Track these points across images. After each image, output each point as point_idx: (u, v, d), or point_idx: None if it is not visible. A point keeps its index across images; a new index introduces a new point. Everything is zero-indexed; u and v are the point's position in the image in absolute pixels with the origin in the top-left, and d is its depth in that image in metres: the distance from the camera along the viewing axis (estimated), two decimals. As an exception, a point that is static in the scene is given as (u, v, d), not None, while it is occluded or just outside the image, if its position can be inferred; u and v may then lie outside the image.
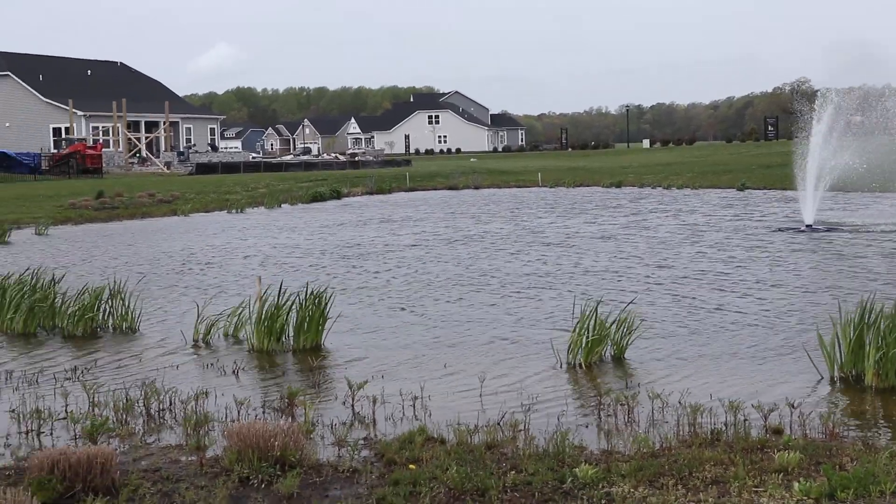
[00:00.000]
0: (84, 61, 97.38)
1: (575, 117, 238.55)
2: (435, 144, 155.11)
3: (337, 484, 7.12)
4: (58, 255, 24.17)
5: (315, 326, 12.38)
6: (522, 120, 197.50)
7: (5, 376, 11.10)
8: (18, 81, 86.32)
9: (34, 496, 6.19)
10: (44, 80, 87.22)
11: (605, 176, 56.09)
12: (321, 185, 51.67)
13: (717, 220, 28.87)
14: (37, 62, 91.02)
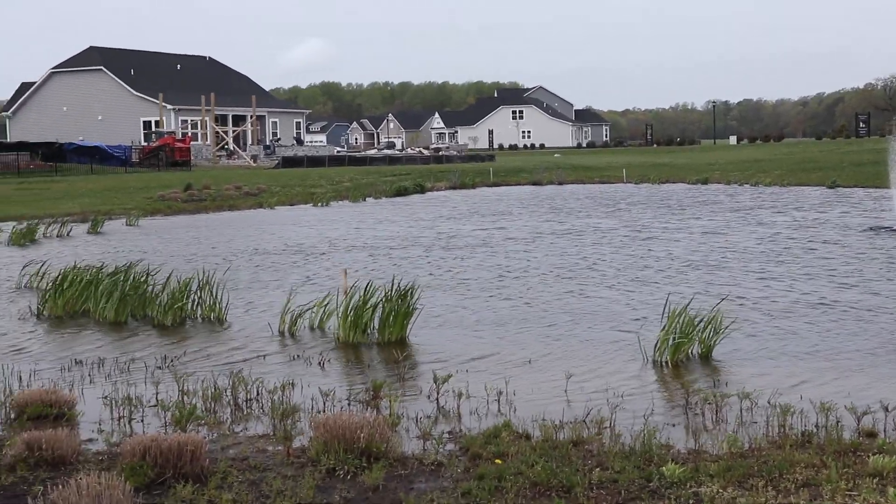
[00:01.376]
0: (174, 56, 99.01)
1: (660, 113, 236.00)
2: (518, 140, 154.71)
3: (422, 477, 7.13)
4: (148, 246, 24.62)
5: (400, 320, 12.42)
6: (606, 115, 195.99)
7: (98, 363, 11.34)
8: (111, 76, 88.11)
9: (127, 481, 6.30)
10: (135, 74, 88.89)
11: (690, 172, 55.44)
12: (405, 179, 51.89)
13: (812, 218, 28.35)
14: (128, 57, 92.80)
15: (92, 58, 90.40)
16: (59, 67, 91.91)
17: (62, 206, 37.03)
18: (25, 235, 26.37)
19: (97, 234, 28.45)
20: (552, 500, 6.52)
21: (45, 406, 8.82)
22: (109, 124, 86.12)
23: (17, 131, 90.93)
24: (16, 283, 17.93)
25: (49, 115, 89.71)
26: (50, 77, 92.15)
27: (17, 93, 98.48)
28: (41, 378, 10.68)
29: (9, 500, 6.68)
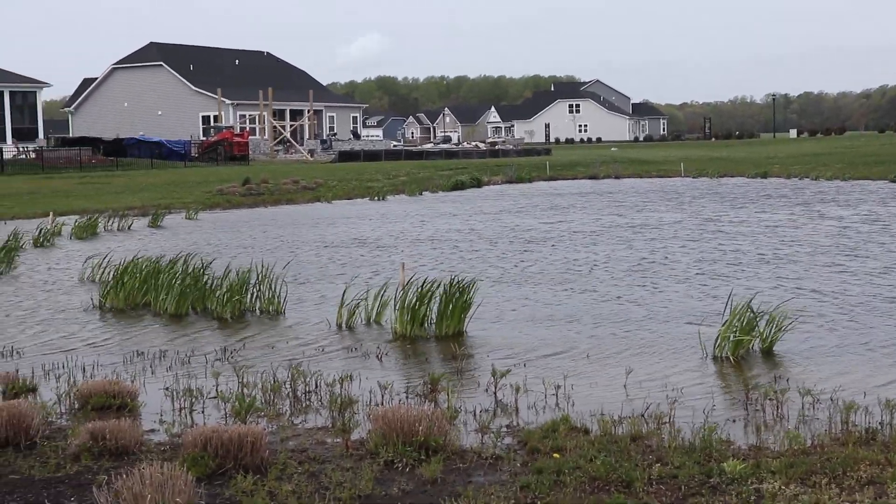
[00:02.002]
0: (232, 51, 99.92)
1: (718, 106, 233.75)
2: (575, 133, 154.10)
3: (480, 470, 7.12)
4: (207, 240, 24.88)
5: (458, 313, 12.42)
6: (664, 109, 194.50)
7: (159, 355, 11.48)
8: (171, 71, 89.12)
9: (189, 471, 6.37)
10: (194, 69, 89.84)
11: (749, 166, 54.87)
12: (461, 173, 51.90)
13: (879, 212, 27.93)
14: (187, 52, 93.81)
15: (152, 53, 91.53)
16: (121, 63, 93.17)
17: (123, 200, 37.52)
18: (87, 229, 26.76)
19: (157, 228, 28.79)
20: (611, 495, 6.48)
21: (109, 397, 8.94)
22: (169, 119, 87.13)
23: (79, 126, 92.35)
24: (78, 276, 18.20)
25: (110, 111, 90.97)
26: (111, 73, 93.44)
27: (79, 88, 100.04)
28: (104, 369, 10.83)
29: (74, 488, 6.79)
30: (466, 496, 6.45)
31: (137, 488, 6.05)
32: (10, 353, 11.74)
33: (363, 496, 6.59)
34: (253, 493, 6.57)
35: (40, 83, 69.07)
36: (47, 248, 23.63)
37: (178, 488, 6.10)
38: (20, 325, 13.75)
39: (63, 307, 15.12)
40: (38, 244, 23.84)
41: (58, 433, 8.14)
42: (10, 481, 6.98)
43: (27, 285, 17.59)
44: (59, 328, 13.45)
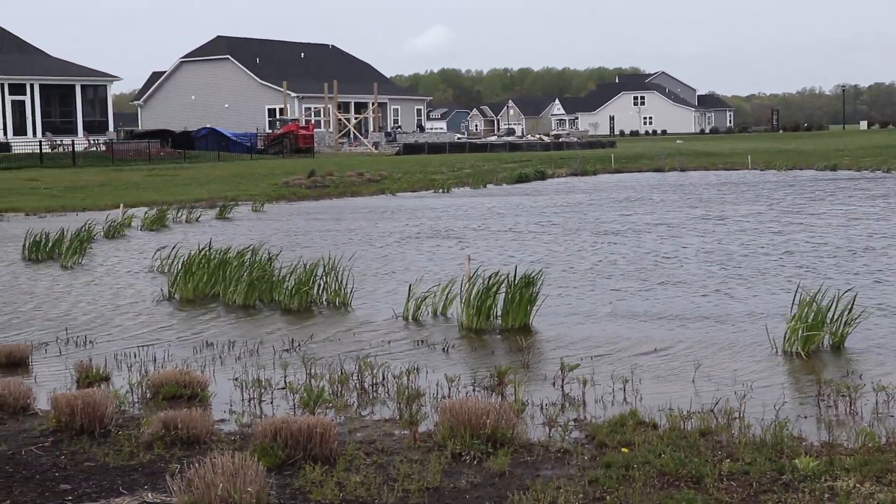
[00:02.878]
0: (298, 44, 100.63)
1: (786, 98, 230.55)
2: (640, 126, 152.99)
3: (548, 464, 7.11)
4: (273, 232, 25.09)
5: (524, 306, 12.40)
6: (730, 101, 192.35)
7: (228, 346, 11.60)
8: (237, 65, 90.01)
9: (259, 461, 6.43)
10: (260, 62, 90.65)
11: (818, 159, 54.05)
12: (526, 166, 51.78)
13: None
14: (254, 46, 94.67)
15: (219, 47, 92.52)
16: (188, 57, 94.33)
17: (191, 193, 37.97)
18: (156, 221, 27.12)
19: (224, 220, 29.09)
20: (681, 491, 6.43)
21: (180, 387, 9.06)
22: (235, 112, 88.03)
23: (147, 119, 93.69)
24: (148, 267, 18.46)
25: (178, 104, 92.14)
26: (179, 66, 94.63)
27: (148, 82, 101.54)
28: (174, 359, 10.98)
29: (147, 476, 6.89)
30: (535, 489, 6.43)
31: (209, 477, 6.12)
32: (84, 343, 11.95)
33: (431, 488, 6.61)
34: (322, 484, 6.61)
35: (110, 77, 70.12)
36: (118, 240, 23.99)
37: (249, 478, 6.16)
38: (92, 314, 13.99)
39: (133, 298, 15.35)
40: (108, 235, 24.22)
41: (131, 422, 8.27)
42: (86, 468, 7.11)
43: (99, 276, 17.88)
44: (130, 318, 13.66)
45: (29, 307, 14.71)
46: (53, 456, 7.41)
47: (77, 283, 17.12)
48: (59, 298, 15.46)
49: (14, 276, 18.05)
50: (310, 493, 6.49)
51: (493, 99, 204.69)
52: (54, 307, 14.66)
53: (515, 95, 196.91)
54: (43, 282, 17.26)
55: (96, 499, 6.45)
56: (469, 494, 6.52)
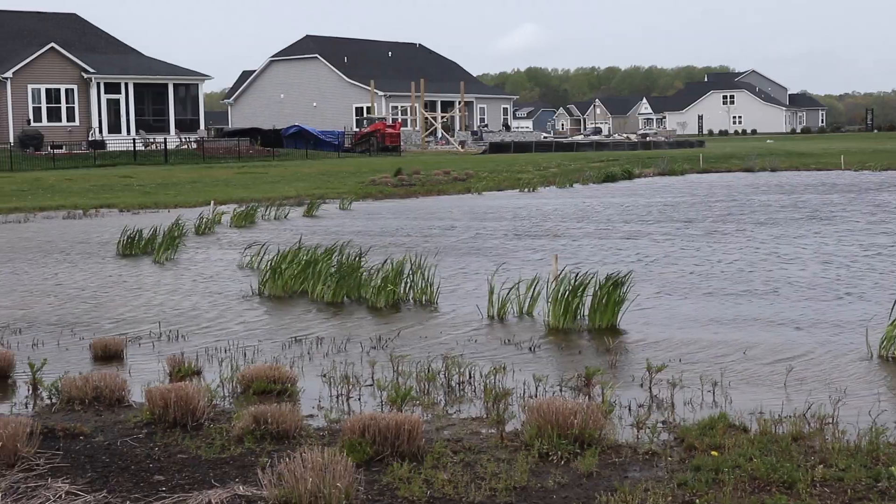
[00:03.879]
0: (385, 43, 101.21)
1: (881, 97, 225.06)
2: (729, 125, 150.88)
3: (636, 466, 7.05)
4: (360, 229, 25.28)
5: (612, 306, 12.31)
6: (823, 100, 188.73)
7: (316, 343, 11.72)
8: (325, 63, 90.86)
9: (348, 457, 6.49)
10: (348, 61, 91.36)
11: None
12: (612, 165, 51.43)
13: None
14: (342, 45, 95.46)
15: (308, 46, 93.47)
16: (278, 56, 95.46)
17: (279, 190, 38.44)
18: (246, 217, 27.51)
19: (312, 218, 29.40)
20: (773, 496, 6.33)
21: (269, 382, 9.18)
22: (323, 110, 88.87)
23: (237, 117, 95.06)
24: (238, 264, 18.74)
25: (267, 102, 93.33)
26: (269, 65, 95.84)
27: (238, 81, 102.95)
28: (263, 354, 11.12)
29: (238, 469, 7.00)
30: (622, 491, 6.39)
31: (299, 472, 6.20)
32: (176, 337, 12.17)
33: (519, 488, 6.60)
34: (409, 481, 6.65)
35: (202, 76, 71.28)
36: (208, 236, 24.39)
37: (339, 473, 6.22)
38: (184, 309, 14.24)
39: (224, 293, 15.59)
40: (199, 232, 24.64)
41: (221, 415, 8.40)
42: (179, 460, 7.24)
43: (190, 272, 18.20)
44: (221, 313, 13.88)
45: (123, 302, 15.03)
46: (147, 447, 7.56)
47: (169, 278, 17.45)
48: (152, 293, 15.77)
49: (109, 271, 18.46)
50: (397, 490, 6.53)
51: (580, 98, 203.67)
52: (147, 302, 14.96)
53: (602, 94, 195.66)
54: (136, 277, 17.63)
55: (189, 490, 6.56)
56: (556, 495, 6.50)
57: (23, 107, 63.54)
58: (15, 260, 20.20)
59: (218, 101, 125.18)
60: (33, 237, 24.66)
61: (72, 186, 41.02)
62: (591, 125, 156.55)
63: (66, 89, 65.09)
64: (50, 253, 21.23)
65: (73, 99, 65.39)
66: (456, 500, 6.40)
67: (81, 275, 17.92)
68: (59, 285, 16.70)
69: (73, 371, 9.78)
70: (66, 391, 8.97)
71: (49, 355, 10.68)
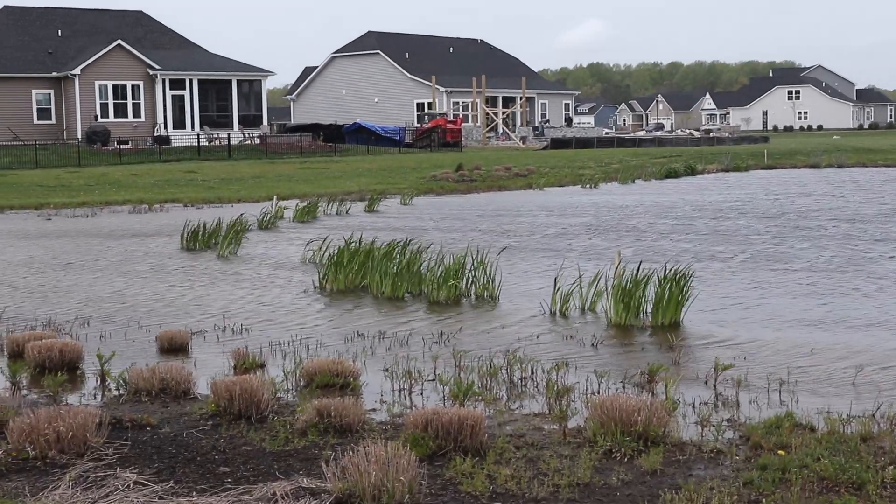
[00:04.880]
0: (446, 39, 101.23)
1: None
2: (794, 121, 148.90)
3: (700, 464, 6.98)
4: (421, 224, 25.32)
5: (675, 303, 12.21)
6: (891, 95, 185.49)
7: (379, 337, 11.76)
8: (387, 59, 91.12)
9: (411, 451, 6.50)
10: (410, 57, 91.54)
11: None
12: (675, 161, 51.02)
13: None
14: (403, 40, 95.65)
15: (370, 42, 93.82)
16: (340, 52, 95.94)
17: (341, 185, 38.66)
18: (307, 213, 27.70)
19: (373, 213, 29.52)
20: (841, 497, 6.23)
21: (332, 376, 9.23)
22: (384, 106, 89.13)
23: (300, 113, 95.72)
24: (300, 258, 18.86)
25: (329, 98, 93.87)
26: (331, 61, 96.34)
27: (300, 77, 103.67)
28: (326, 348, 11.19)
29: (302, 462, 7.05)
30: (687, 489, 6.33)
31: (363, 465, 6.22)
32: (240, 331, 12.29)
33: (582, 484, 6.57)
34: (472, 476, 6.64)
35: (265, 72, 71.84)
36: (270, 231, 24.60)
37: (402, 467, 6.23)
38: (247, 303, 14.37)
39: (286, 288, 15.70)
40: (262, 227, 24.85)
41: (285, 408, 8.46)
42: (244, 452, 7.31)
43: (253, 266, 18.36)
44: (283, 307, 13.98)
45: (188, 295, 15.20)
46: (213, 439, 7.64)
47: (232, 272, 17.62)
48: (216, 287, 15.94)
49: (173, 264, 18.69)
50: (460, 485, 6.53)
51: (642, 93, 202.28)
52: (211, 295, 15.12)
53: (664, 90, 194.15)
54: (200, 271, 17.82)
55: (254, 482, 6.62)
56: (620, 492, 6.46)
57: (90, 103, 64.55)
58: (83, 254, 20.52)
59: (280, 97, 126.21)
60: (98, 231, 25.05)
61: (137, 181, 41.60)
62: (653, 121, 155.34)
63: (132, 86, 65.99)
64: (116, 247, 21.55)
65: (139, 95, 66.28)
66: (519, 495, 6.39)
67: (146, 268, 18.16)
68: (125, 278, 16.94)
69: (140, 363, 9.92)
70: (133, 383, 9.10)
71: (116, 347, 10.85)
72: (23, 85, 64.96)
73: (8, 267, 18.67)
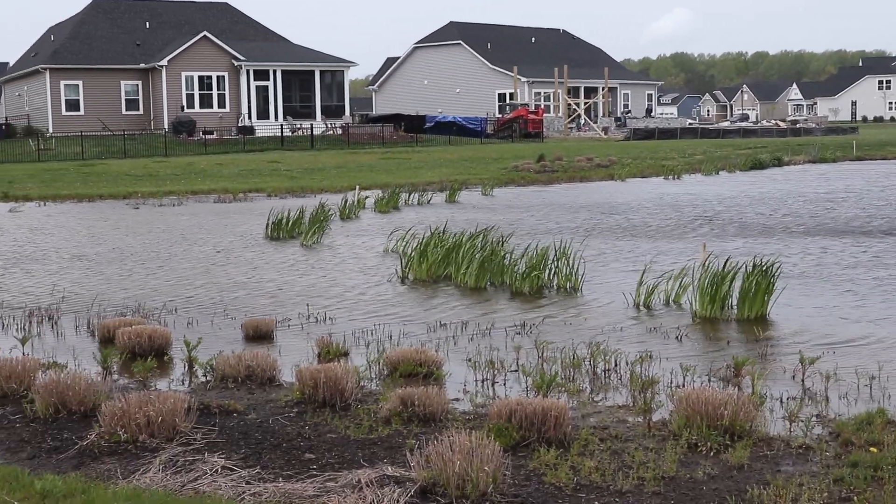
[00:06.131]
0: (528, 29, 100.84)
1: None
2: (885, 111, 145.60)
3: (788, 459, 6.87)
4: (503, 216, 25.29)
5: (761, 296, 12.02)
6: None
7: (461, 327, 11.78)
8: (469, 50, 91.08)
9: (495, 441, 6.49)
10: (491, 48, 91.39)
11: None
12: (761, 152, 50.23)
13: None
14: (485, 31, 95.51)
15: (451, 33, 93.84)
16: (421, 43, 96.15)
17: (422, 176, 38.77)
18: (389, 203, 27.85)
19: (454, 203, 29.54)
20: (935, 496, 6.08)
21: (415, 365, 9.27)
22: (466, 97, 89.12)
23: (381, 104, 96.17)
24: (382, 248, 18.97)
25: (411, 89, 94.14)
26: (413, 52, 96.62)
27: (382, 67, 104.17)
28: (408, 338, 11.23)
29: (386, 450, 7.09)
30: (775, 485, 6.23)
31: (447, 455, 6.23)
32: (324, 319, 12.39)
33: (667, 477, 6.51)
34: (556, 467, 6.62)
35: (348, 63, 72.27)
36: (352, 220, 24.78)
37: (486, 456, 6.23)
38: (330, 292, 14.49)
39: (369, 277, 15.80)
40: (344, 216, 25.04)
41: (369, 397, 8.52)
42: (328, 439, 7.38)
43: (336, 255, 18.51)
44: (366, 297, 14.08)
45: (272, 284, 15.38)
46: (298, 426, 7.72)
47: (315, 261, 17.78)
48: (299, 275, 16.10)
49: (258, 253, 18.92)
50: (544, 476, 6.51)
51: (726, 83, 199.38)
52: (295, 284, 15.28)
53: (750, 80, 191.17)
54: (284, 260, 18.02)
55: (339, 469, 6.67)
56: (706, 486, 6.38)
57: (176, 94, 65.60)
58: (171, 243, 20.89)
59: (362, 88, 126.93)
60: (185, 220, 25.46)
61: (222, 171, 42.19)
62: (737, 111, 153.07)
63: (217, 76, 66.89)
64: (202, 235, 21.90)
65: (224, 86, 67.15)
66: (603, 487, 6.35)
67: (231, 257, 18.42)
68: (211, 267, 17.20)
69: (226, 350, 10.05)
70: (219, 369, 9.24)
71: (202, 334, 11.00)
72: (112, 76, 66.28)
73: (97, 255, 19.08)
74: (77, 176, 40.82)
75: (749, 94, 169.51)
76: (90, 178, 39.58)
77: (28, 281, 16.00)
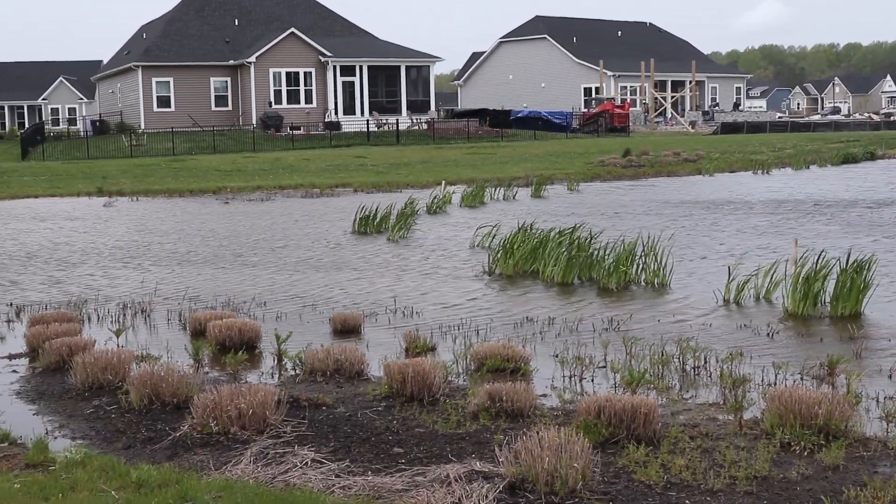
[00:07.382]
0: (614, 22, 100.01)
1: None
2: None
3: (886, 461, 6.71)
4: (589, 210, 25.13)
5: (856, 293, 11.76)
6: None
7: (548, 322, 11.73)
8: (554, 44, 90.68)
9: (584, 438, 6.45)
10: (577, 41, 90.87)
11: None
12: (853, 146, 49.15)
13: None
14: (571, 25, 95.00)
15: (537, 27, 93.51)
16: (507, 37, 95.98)
17: (507, 171, 38.70)
18: (475, 197, 27.85)
19: (539, 198, 29.45)
20: None
21: (503, 360, 9.25)
22: (551, 91, 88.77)
23: (466, 99, 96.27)
24: (469, 243, 18.98)
25: (496, 83, 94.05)
26: (498, 47, 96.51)
27: (467, 62, 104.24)
28: (496, 333, 11.22)
29: (474, 445, 7.09)
30: (873, 486, 6.09)
31: (536, 451, 6.21)
32: (411, 314, 12.44)
33: (759, 477, 6.40)
34: (646, 465, 6.56)
35: (433, 58, 72.42)
36: (439, 215, 24.83)
37: (575, 453, 6.19)
38: (417, 287, 14.54)
39: (455, 272, 15.82)
40: (430, 211, 25.11)
41: (456, 392, 8.53)
42: (416, 434, 7.40)
43: (423, 250, 18.57)
44: (453, 291, 14.10)
45: (359, 278, 15.48)
46: (386, 420, 7.76)
47: (403, 256, 17.86)
48: (387, 270, 16.19)
49: (345, 248, 19.07)
50: (633, 473, 6.45)
51: (817, 76, 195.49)
52: (382, 278, 15.36)
53: (841, 72, 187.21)
54: (372, 254, 18.13)
55: (427, 464, 6.69)
56: (800, 486, 6.26)
57: (265, 90, 66.39)
58: (260, 237, 21.16)
59: (448, 83, 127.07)
60: (270, 216, 25.77)
61: (309, 166, 42.62)
62: (828, 104, 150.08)
63: (304, 72, 67.55)
64: (290, 230, 22.14)
65: (311, 82, 67.77)
66: (694, 486, 6.27)
67: (319, 252, 18.59)
68: (300, 261, 17.38)
69: (315, 344, 10.14)
70: (308, 363, 9.33)
71: (291, 328, 11.12)
72: (202, 73, 67.32)
73: (187, 249, 19.41)
74: (168, 171, 41.60)
75: (841, 87, 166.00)
76: (180, 174, 40.30)
77: (121, 273, 16.35)
